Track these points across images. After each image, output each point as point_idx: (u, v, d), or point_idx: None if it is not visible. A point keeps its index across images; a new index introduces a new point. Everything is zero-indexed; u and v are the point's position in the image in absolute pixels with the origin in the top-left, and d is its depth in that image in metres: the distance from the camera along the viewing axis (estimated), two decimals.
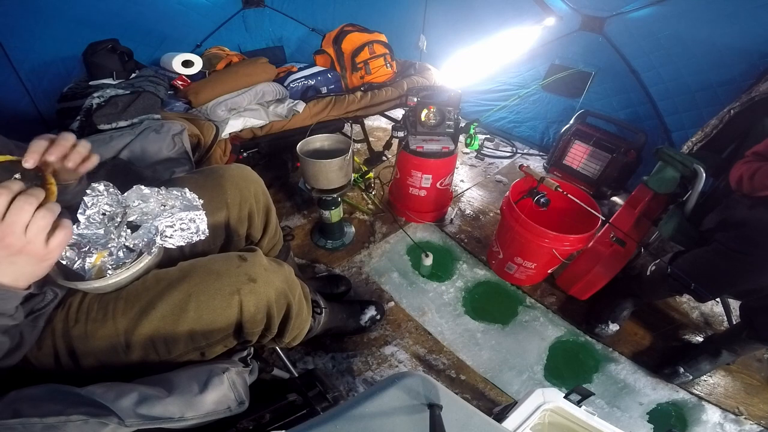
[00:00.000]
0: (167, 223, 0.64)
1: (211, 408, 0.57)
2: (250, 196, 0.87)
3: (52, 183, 0.51)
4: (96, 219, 0.61)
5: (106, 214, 0.63)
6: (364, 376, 1.16)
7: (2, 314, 0.47)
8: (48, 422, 0.45)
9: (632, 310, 1.34)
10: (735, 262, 0.94)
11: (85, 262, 0.60)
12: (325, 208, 1.45)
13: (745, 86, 1.39)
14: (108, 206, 0.62)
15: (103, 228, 0.62)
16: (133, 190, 0.65)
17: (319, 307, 1.09)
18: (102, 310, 0.60)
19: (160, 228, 0.63)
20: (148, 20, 1.72)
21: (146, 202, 0.65)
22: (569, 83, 2.07)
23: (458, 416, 0.52)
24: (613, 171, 1.83)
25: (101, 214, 0.62)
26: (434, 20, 2.32)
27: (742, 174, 1.00)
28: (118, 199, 0.63)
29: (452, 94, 1.49)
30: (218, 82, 1.44)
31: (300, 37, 2.33)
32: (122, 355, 0.60)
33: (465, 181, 2.10)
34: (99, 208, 0.62)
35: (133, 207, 0.64)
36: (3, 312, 0.47)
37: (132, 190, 0.65)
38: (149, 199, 0.66)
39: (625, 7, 1.70)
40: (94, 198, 0.61)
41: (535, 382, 1.20)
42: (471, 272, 1.53)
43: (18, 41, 1.43)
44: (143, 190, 0.66)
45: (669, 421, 1.14)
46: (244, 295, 0.62)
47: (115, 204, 0.63)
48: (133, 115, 1.14)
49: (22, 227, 0.43)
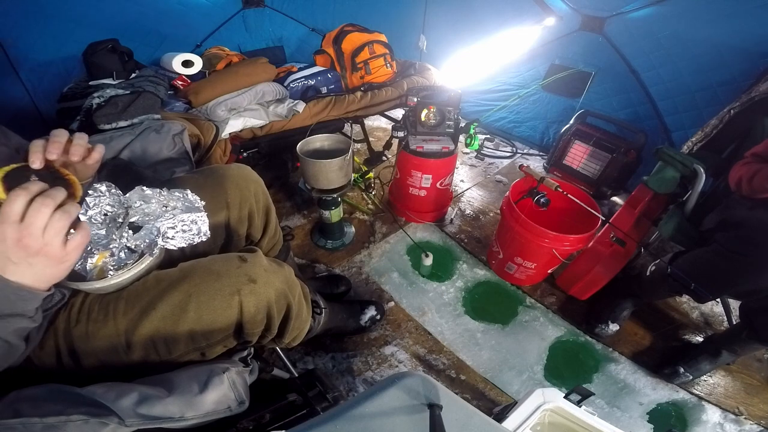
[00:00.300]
0: (169, 225, 0.63)
1: (211, 408, 0.57)
2: (251, 195, 0.87)
3: (75, 181, 0.51)
4: (98, 219, 0.62)
5: (108, 215, 0.63)
6: (364, 376, 1.16)
7: (23, 316, 0.47)
8: (48, 422, 0.45)
9: (632, 310, 1.34)
10: (735, 262, 0.94)
11: (86, 262, 0.60)
12: (325, 208, 1.45)
13: (745, 86, 1.39)
14: (110, 207, 0.63)
15: (105, 229, 0.62)
16: (134, 191, 0.65)
17: (319, 308, 1.09)
18: (103, 310, 0.60)
19: (162, 229, 0.63)
20: (148, 20, 1.72)
21: (148, 203, 0.65)
22: (569, 83, 2.07)
23: (458, 416, 0.52)
24: (613, 171, 1.83)
25: (103, 214, 0.62)
26: (434, 20, 2.32)
27: (741, 176, 1.00)
28: (120, 200, 0.64)
29: (452, 94, 1.49)
30: (218, 82, 1.44)
31: (300, 37, 2.33)
32: (123, 355, 0.60)
33: (465, 181, 2.10)
34: (101, 209, 0.62)
35: (135, 208, 0.65)
36: (23, 313, 0.47)
37: (134, 191, 0.65)
38: (151, 200, 0.66)
39: (625, 7, 1.70)
40: (96, 198, 0.61)
41: (535, 382, 1.20)
42: (471, 272, 1.53)
43: (18, 41, 1.43)
44: (145, 191, 0.66)
45: (669, 421, 1.14)
46: (244, 296, 0.62)
47: (117, 205, 0.63)
48: (133, 115, 1.14)
49: (39, 229, 0.43)
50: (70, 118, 1.16)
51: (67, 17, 1.50)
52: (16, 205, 0.42)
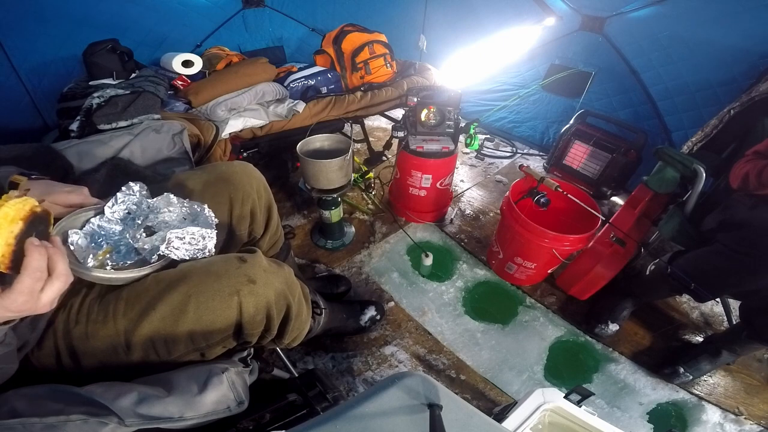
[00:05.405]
0: (177, 234, 0.63)
1: (211, 408, 0.57)
2: (253, 191, 0.87)
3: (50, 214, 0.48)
4: (119, 216, 0.64)
5: (131, 214, 0.65)
6: (364, 376, 1.16)
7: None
8: (47, 422, 0.45)
9: (632, 310, 1.34)
10: (736, 262, 0.94)
11: (91, 252, 0.61)
12: (325, 208, 1.45)
13: (745, 86, 1.38)
14: (135, 206, 0.65)
15: (123, 226, 0.64)
16: (162, 198, 0.67)
17: (319, 308, 1.09)
18: (103, 311, 0.60)
19: (169, 237, 0.63)
20: (148, 20, 1.72)
21: (170, 211, 0.67)
22: (569, 83, 2.07)
23: (458, 416, 0.52)
24: (613, 171, 1.83)
25: (126, 212, 0.65)
26: (434, 20, 2.31)
27: (748, 171, 0.99)
28: (148, 203, 0.66)
29: (452, 94, 1.49)
30: (218, 82, 1.44)
31: (300, 37, 2.33)
32: (123, 356, 0.60)
33: (465, 181, 2.10)
34: (127, 206, 0.65)
35: (157, 213, 0.66)
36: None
37: (162, 197, 0.67)
38: (174, 209, 0.67)
39: (625, 7, 1.70)
40: (126, 196, 0.64)
41: (535, 382, 1.20)
42: (471, 272, 1.53)
43: (18, 41, 1.43)
44: (171, 199, 0.67)
45: (669, 421, 1.14)
46: (244, 297, 0.62)
47: (143, 206, 0.66)
48: (133, 115, 1.14)
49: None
50: (70, 118, 1.15)
51: (67, 17, 1.50)
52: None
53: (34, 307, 0.43)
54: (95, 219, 0.63)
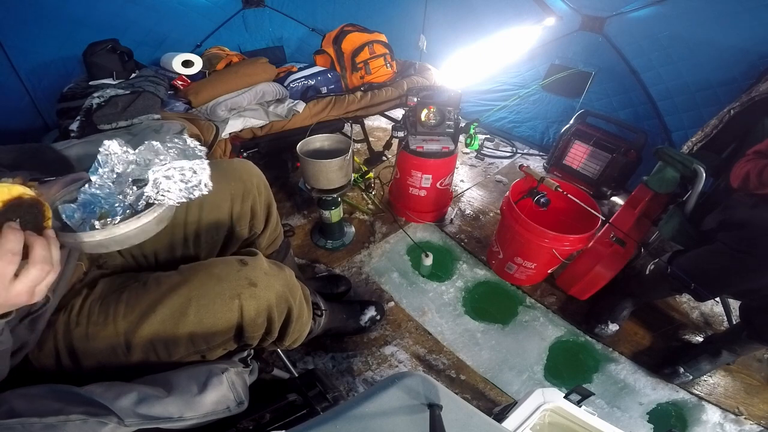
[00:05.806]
0: (163, 173, 0.53)
1: (211, 408, 0.57)
2: (253, 188, 0.87)
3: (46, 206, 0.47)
4: (108, 179, 0.57)
5: (119, 175, 0.58)
6: (364, 376, 1.16)
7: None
8: (47, 422, 0.45)
9: (632, 310, 1.34)
10: (736, 261, 0.94)
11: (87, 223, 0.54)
12: (325, 208, 1.45)
13: (745, 86, 1.38)
14: (122, 165, 0.57)
15: (113, 188, 0.57)
16: (146, 147, 0.58)
17: (320, 310, 1.09)
18: (103, 313, 0.60)
19: (156, 179, 0.52)
20: (148, 20, 1.72)
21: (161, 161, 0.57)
22: (569, 83, 2.07)
23: (458, 416, 0.52)
24: (613, 171, 1.83)
25: (113, 173, 0.57)
26: (434, 20, 2.31)
27: (749, 171, 0.99)
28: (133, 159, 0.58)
29: (452, 94, 1.49)
30: (218, 82, 1.44)
31: (300, 37, 2.33)
32: (122, 357, 0.60)
33: (465, 181, 2.10)
34: (111, 167, 0.57)
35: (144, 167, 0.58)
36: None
37: (145, 147, 0.58)
38: (163, 158, 0.58)
39: (625, 7, 1.70)
40: (106, 156, 0.56)
41: (535, 382, 1.20)
42: (471, 272, 1.53)
43: (18, 41, 1.42)
44: (155, 146, 0.58)
45: (669, 421, 1.14)
46: (245, 299, 0.62)
47: (128, 162, 0.58)
48: (133, 115, 1.15)
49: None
50: (70, 118, 1.16)
51: (67, 17, 1.50)
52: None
53: (4, 295, 0.40)
54: (85, 187, 0.56)
